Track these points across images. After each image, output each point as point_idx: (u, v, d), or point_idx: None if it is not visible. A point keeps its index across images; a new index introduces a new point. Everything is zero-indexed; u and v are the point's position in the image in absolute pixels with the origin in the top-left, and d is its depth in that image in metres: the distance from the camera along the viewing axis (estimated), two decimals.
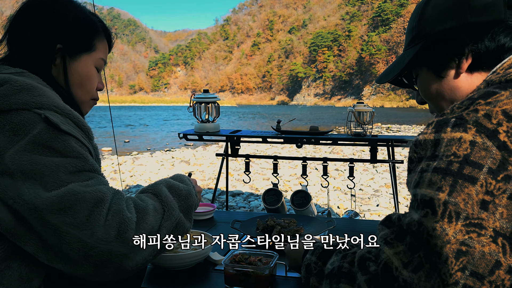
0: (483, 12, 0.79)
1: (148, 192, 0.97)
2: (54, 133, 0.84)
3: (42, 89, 0.90)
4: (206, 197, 5.11)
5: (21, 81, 0.88)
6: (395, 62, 0.96)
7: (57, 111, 0.89)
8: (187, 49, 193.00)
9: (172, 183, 1.02)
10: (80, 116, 0.94)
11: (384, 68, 32.85)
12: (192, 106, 2.61)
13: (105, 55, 1.14)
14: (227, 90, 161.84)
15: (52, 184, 0.80)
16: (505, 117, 0.59)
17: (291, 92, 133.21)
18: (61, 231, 0.78)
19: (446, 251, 0.57)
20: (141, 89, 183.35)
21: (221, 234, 1.11)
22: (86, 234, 0.78)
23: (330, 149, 9.97)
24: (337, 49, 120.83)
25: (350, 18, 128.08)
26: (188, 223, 1.01)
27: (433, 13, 0.86)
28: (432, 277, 0.58)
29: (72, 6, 1.06)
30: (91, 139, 0.96)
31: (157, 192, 0.96)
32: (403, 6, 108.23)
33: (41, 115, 0.85)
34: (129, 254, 0.82)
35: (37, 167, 0.80)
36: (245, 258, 1.26)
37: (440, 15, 0.84)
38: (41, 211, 0.78)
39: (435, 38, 0.85)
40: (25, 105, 0.85)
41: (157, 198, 0.95)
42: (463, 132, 0.60)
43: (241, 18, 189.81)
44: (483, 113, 0.60)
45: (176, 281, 1.28)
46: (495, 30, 0.79)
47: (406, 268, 0.61)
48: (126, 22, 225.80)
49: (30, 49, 1.00)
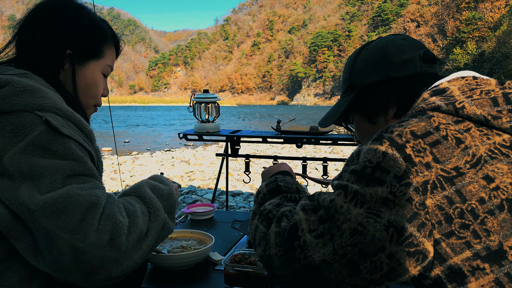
0: (403, 67, 0.93)
1: (132, 194, 0.95)
2: (54, 136, 0.83)
3: (44, 91, 0.90)
4: (206, 197, 5.11)
5: (23, 82, 0.88)
6: (333, 107, 1.09)
7: (59, 113, 0.88)
8: (187, 49, 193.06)
9: (153, 184, 1.01)
10: (82, 118, 0.93)
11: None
12: (192, 106, 2.61)
13: (112, 62, 1.15)
14: (227, 90, 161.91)
15: (48, 187, 0.79)
16: (412, 135, 0.71)
17: (291, 92, 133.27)
18: (52, 235, 0.76)
19: (345, 227, 0.67)
20: (141, 89, 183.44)
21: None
22: (79, 238, 0.76)
23: (330, 149, 9.98)
24: (337, 49, 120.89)
25: (350, 18, 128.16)
26: (172, 223, 1.00)
27: (362, 67, 0.99)
28: (327, 246, 0.69)
29: (83, 12, 1.06)
30: (92, 141, 0.96)
31: (141, 195, 0.95)
32: (403, 6, 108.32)
33: (42, 118, 0.84)
34: (120, 259, 0.81)
35: (35, 169, 0.80)
36: (245, 258, 1.26)
37: (368, 69, 0.98)
38: (33, 213, 0.77)
39: (365, 90, 0.98)
40: (26, 107, 0.85)
41: (141, 200, 0.94)
42: (379, 145, 0.71)
43: (241, 18, 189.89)
44: (396, 133, 0.72)
45: (176, 281, 1.28)
46: (414, 81, 0.92)
47: (310, 233, 0.71)
48: (126, 22, 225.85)
49: (39, 53, 1.00)
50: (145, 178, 1.08)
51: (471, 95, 0.77)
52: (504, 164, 0.69)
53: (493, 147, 0.70)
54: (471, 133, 0.71)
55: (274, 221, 0.79)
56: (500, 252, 0.65)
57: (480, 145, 0.70)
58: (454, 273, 0.66)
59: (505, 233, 0.65)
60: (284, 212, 0.80)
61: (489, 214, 0.66)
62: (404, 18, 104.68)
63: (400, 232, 0.65)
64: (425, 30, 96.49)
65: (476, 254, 0.65)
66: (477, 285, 0.65)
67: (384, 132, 0.74)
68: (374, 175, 0.69)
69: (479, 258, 0.65)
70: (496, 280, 0.64)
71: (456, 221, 0.66)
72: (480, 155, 0.69)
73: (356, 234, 0.67)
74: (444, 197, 0.67)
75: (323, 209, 0.73)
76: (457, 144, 0.70)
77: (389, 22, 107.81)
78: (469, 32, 74.58)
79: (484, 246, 0.65)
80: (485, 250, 0.65)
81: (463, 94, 0.78)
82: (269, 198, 0.92)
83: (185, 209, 1.98)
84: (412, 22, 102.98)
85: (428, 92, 0.84)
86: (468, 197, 0.66)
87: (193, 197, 5.07)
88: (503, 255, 0.65)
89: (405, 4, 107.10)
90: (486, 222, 0.65)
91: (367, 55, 0.99)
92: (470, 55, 61.20)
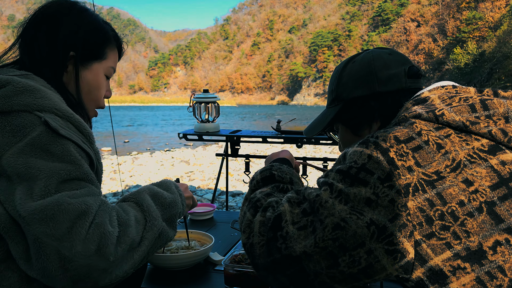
0: (388, 82, 0.95)
1: (131, 200, 0.95)
2: (53, 137, 0.84)
3: (44, 91, 0.90)
4: (206, 197, 5.10)
5: (23, 82, 0.88)
6: (319, 117, 1.11)
7: (58, 114, 0.89)
8: (187, 49, 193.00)
9: (155, 190, 1.00)
10: (82, 120, 0.93)
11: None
12: (192, 106, 2.61)
13: (115, 64, 1.15)
14: (227, 90, 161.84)
15: (41, 191, 0.79)
16: (396, 140, 0.73)
17: (291, 92, 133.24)
18: (40, 242, 0.76)
19: (328, 221, 0.70)
20: (141, 89, 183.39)
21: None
22: (66, 246, 0.76)
23: (330, 149, 9.97)
24: (337, 48, 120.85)
25: (350, 17, 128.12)
26: (172, 232, 1.00)
27: (347, 80, 1.00)
28: (309, 238, 0.71)
29: (86, 15, 1.07)
30: (92, 143, 0.95)
31: (140, 201, 0.94)
32: (403, 6, 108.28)
33: (41, 118, 0.84)
34: (108, 268, 0.81)
35: (31, 171, 0.80)
36: (245, 258, 1.26)
37: (354, 83, 0.98)
38: (24, 219, 0.77)
39: (350, 103, 0.99)
40: (26, 107, 0.85)
41: (139, 207, 0.93)
42: (364, 148, 0.74)
43: (241, 18, 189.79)
44: (381, 138, 0.75)
45: (176, 281, 1.28)
46: (398, 96, 0.94)
47: (293, 224, 0.74)
48: (125, 22, 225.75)
49: (43, 55, 1.00)
50: (154, 181, 1.08)
51: (450, 103, 0.80)
52: (482, 168, 0.71)
53: (472, 152, 0.72)
54: (451, 139, 0.74)
55: (260, 210, 0.82)
56: (480, 252, 0.66)
57: (459, 150, 0.72)
58: (435, 274, 0.68)
59: (484, 234, 0.67)
60: (271, 203, 0.82)
61: (469, 216, 0.67)
62: (404, 18, 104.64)
63: (381, 230, 0.68)
64: (425, 30, 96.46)
65: (457, 254, 0.67)
66: (459, 284, 0.66)
67: (370, 136, 0.77)
68: (359, 176, 0.71)
69: (460, 258, 0.67)
70: (477, 278, 0.66)
71: (437, 223, 0.68)
72: (460, 160, 0.71)
73: (338, 229, 0.69)
74: (425, 199, 0.68)
75: (307, 202, 0.75)
76: (438, 149, 0.72)
77: (389, 22, 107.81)
78: (469, 32, 74.52)
79: (464, 246, 0.67)
80: (465, 251, 0.67)
81: (442, 102, 0.81)
82: (261, 186, 0.95)
83: None
84: (412, 22, 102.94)
85: (410, 102, 0.86)
86: (449, 199, 0.68)
87: None
88: (483, 254, 0.66)
89: (405, 3, 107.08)
90: (466, 224, 0.67)
91: (353, 69, 1.00)
92: (471, 55, 61.12)
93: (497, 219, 0.67)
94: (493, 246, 0.67)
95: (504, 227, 0.67)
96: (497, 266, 0.66)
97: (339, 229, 0.69)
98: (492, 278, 0.66)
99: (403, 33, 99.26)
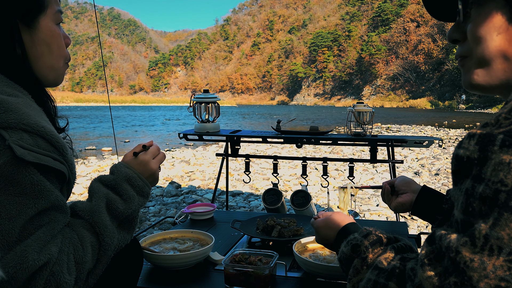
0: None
1: (85, 219, 0.92)
2: (20, 167, 0.77)
3: (7, 101, 0.81)
4: (206, 197, 5.11)
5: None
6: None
7: (27, 130, 0.80)
8: (187, 49, 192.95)
9: (111, 202, 0.96)
10: (54, 131, 0.87)
11: (384, 68, 32.46)
12: (192, 106, 2.62)
13: (58, 4, 1.04)
14: (227, 90, 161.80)
15: (4, 241, 0.75)
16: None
17: (291, 92, 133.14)
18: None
19: (483, 285, 0.53)
20: (141, 89, 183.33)
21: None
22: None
23: (330, 149, 9.97)
24: (337, 49, 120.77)
25: (350, 18, 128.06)
26: (129, 235, 1.00)
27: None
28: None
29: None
30: (65, 155, 0.90)
31: (94, 223, 0.92)
32: (403, 6, 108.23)
33: (6, 142, 0.76)
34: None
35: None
36: (245, 258, 1.26)
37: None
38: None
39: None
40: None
41: (93, 229, 0.92)
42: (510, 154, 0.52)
43: (241, 18, 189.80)
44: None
45: (176, 281, 1.28)
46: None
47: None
48: (126, 22, 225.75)
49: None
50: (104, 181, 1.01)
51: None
52: None
53: None
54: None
55: (405, 280, 0.67)
56: None
57: None
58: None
59: None
60: (411, 270, 0.67)
61: None
62: (404, 18, 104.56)
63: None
64: (425, 30, 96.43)
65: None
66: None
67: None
68: (510, 204, 0.51)
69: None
70: None
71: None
72: None
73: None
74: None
75: (447, 259, 0.58)
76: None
77: (389, 22, 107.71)
78: None
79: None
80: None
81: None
82: (373, 251, 0.82)
83: (185, 209, 1.99)
84: (412, 22, 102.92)
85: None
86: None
87: (193, 197, 5.07)
88: None
89: (405, 4, 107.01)
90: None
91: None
92: None
93: None
94: None
95: None
96: None
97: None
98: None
99: (402, 34, 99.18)
